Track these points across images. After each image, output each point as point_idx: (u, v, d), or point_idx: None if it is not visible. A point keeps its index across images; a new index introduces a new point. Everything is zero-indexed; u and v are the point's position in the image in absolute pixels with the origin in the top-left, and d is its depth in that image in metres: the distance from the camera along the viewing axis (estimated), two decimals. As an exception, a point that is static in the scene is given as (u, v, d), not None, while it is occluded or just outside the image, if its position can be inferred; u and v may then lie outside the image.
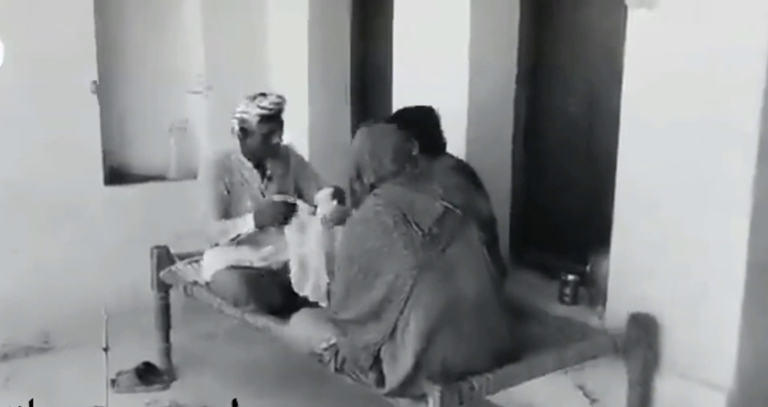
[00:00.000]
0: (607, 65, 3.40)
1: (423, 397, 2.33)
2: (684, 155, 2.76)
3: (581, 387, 3.08)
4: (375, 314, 2.43)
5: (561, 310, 3.24)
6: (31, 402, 2.85)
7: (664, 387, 2.83)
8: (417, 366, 2.36)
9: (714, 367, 2.71)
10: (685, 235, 2.77)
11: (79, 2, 4.19)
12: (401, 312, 2.39)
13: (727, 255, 2.66)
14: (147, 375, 3.74)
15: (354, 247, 2.51)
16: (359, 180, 2.66)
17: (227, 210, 3.35)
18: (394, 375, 2.40)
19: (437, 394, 2.23)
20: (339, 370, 2.59)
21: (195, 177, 4.67)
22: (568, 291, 3.28)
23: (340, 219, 2.97)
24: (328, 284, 2.86)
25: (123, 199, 4.48)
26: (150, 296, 3.84)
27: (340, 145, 4.87)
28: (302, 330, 2.76)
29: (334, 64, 4.81)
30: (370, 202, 2.55)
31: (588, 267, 3.20)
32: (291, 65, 4.76)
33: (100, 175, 4.39)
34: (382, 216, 2.45)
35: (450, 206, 2.50)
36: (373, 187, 2.62)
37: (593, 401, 3.06)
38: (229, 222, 3.31)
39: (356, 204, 2.67)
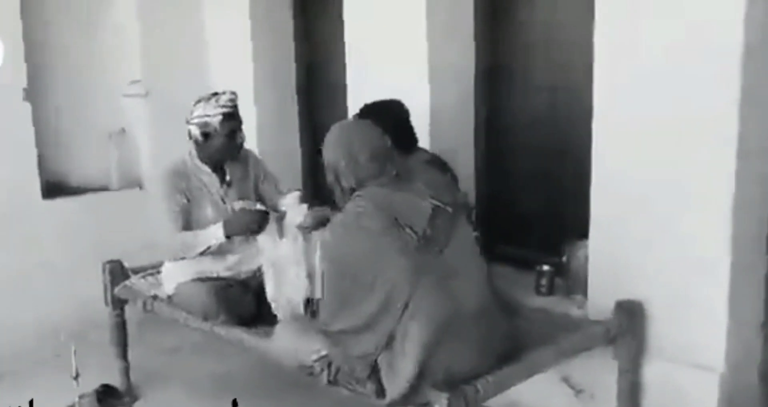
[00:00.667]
0: (567, 59, 3.41)
1: (427, 405, 2.24)
2: (661, 150, 2.75)
3: (566, 379, 3.07)
4: (371, 322, 2.32)
5: (538, 301, 3.21)
6: (31, 402, 2.73)
7: (653, 372, 2.83)
8: (420, 375, 2.26)
9: (703, 351, 2.72)
10: (667, 224, 2.77)
11: (4, 4, 3.91)
12: (399, 320, 2.28)
13: (712, 244, 2.66)
14: (107, 398, 3.54)
15: (342, 255, 2.38)
16: (338, 183, 2.53)
17: (188, 221, 3.17)
18: (395, 384, 2.30)
19: (445, 402, 2.15)
20: (332, 382, 2.47)
21: (139, 186, 4.59)
22: (544, 282, 3.25)
23: (317, 223, 2.84)
24: (309, 300, 2.73)
25: (64, 212, 4.23)
26: (99, 313, 3.65)
27: (288, 146, 4.77)
28: (287, 342, 2.62)
29: (278, 65, 4.68)
30: (353, 206, 2.41)
31: (564, 258, 3.18)
32: (234, 67, 4.61)
33: (37, 188, 4.13)
34: (370, 221, 2.33)
35: (440, 204, 2.41)
36: (353, 190, 2.49)
37: (579, 391, 3.04)
38: (190, 234, 3.12)
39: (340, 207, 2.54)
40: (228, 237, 3.06)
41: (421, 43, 3.52)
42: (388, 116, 2.96)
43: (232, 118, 3.17)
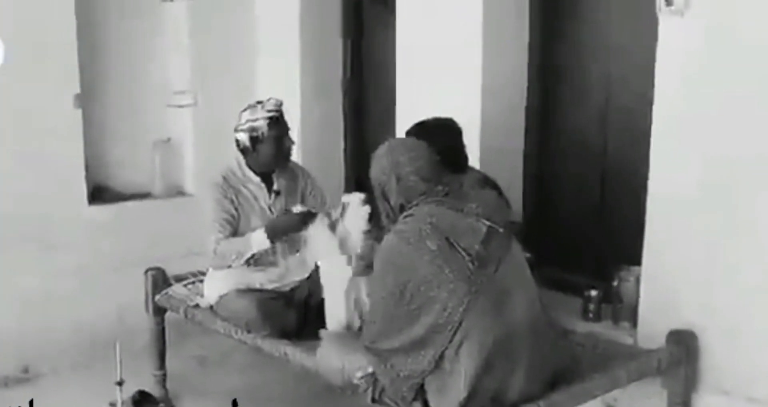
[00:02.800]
0: (623, 77, 3.37)
1: (477, 428, 2.20)
2: (719, 178, 2.71)
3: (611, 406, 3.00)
4: (420, 343, 2.28)
5: (585, 327, 3.15)
6: (31, 402, 2.75)
7: (705, 405, 2.75)
8: (470, 397, 2.22)
9: (759, 384, 2.65)
10: (723, 252, 2.72)
11: (61, 12, 3.96)
12: (450, 342, 2.24)
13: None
14: (143, 404, 3.52)
15: (394, 275, 2.33)
16: (386, 201, 2.51)
17: (236, 231, 3.16)
18: (444, 405, 2.25)
19: (495, 425, 2.11)
20: (377, 401, 2.43)
21: (180, 193, 4.61)
22: (592, 307, 3.19)
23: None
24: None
25: (108, 217, 4.25)
26: (136, 320, 3.66)
27: (334, 159, 4.77)
28: (333, 358, 2.58)
29: (327, 78, 4.68)
30: (407, 226, 2.37)
31: (615, 283, 3.12)
32: (282, 80, 4.60)
33: (83, 193, 4.16)
34: (427, 241, 2.29)
35: (493, 225, 2.37)
36: (402, 208, 2.46)
37: (624, 420, 2.97)
38: (235, 241, 3.09)
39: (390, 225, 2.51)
40: (272, 241, 3.03)
41: (475, 55, 3.49)
42: (441, 135, 2.93)
43: (278, 122, 3.17)
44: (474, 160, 3.40)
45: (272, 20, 4.71)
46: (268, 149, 3.18)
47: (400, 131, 3.72)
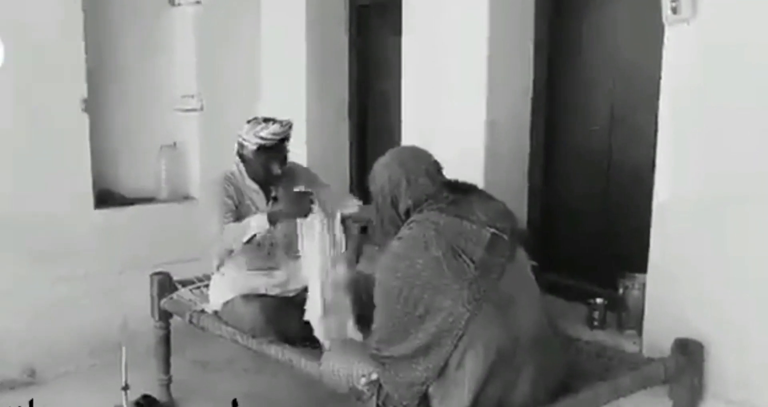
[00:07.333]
0: (626, 84, 3.36)
1: (480, 436, 2.20)
2: (727, 186, 2.69)
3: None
4: (425, 351, 2.28)
5: (590, 335, 3.14)
6: (31, 402, 2.79)
7: (710, 414, 2.75)
8: (474, 405, 2.22)
9: (765, 393, 2.63)
10: (729, 261, 2.70)
11: (69, 17, 4.00)
12: (454, 349, 2.24)
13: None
14: (149, 408, 3.54)
15: (398, 282, 2.33)
16: (392, 206, 2.50)
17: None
18: (448, 413, 2.26)
19: (498, 434, 2.11)
20: (381, 407, 2.44)
21: (186, 197, 4.63)
22: (597, 315, 3.18)
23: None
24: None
25: (114, 222, 4.28)
26: (141, 324, 3.65)
27: (338, 165, 4.77)
28: (338, 364, 2.58)
29: (331, 83, 4.70)
30: (416, 231, 2.37)
31: (620, 291, 3.11)
32: (287, 85, 4.63)
33: (90, 197, 4.18)
34: (431, 247, 2.30)
35: (497, 232, 2.37)
36: (407, 214, 2.47)
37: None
38: (233, 225, 3.05)
39: (386, 234, 2.51)
40: (272, 223, 2.99)
41: (482, 64, 3.49)
42: None
43: (269, 150, 3.14)
44: (479, 165, 3.43)
45: (278, 24, 4.74)
46: (253, 169, 3.20)
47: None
